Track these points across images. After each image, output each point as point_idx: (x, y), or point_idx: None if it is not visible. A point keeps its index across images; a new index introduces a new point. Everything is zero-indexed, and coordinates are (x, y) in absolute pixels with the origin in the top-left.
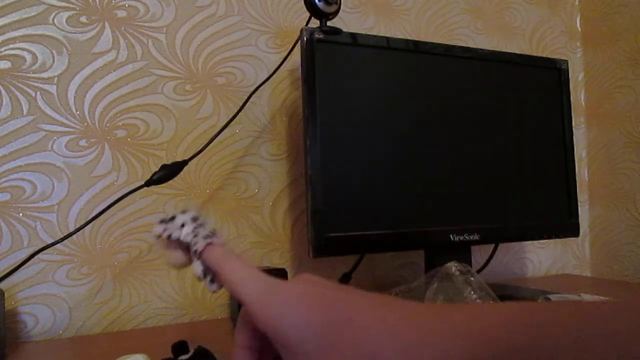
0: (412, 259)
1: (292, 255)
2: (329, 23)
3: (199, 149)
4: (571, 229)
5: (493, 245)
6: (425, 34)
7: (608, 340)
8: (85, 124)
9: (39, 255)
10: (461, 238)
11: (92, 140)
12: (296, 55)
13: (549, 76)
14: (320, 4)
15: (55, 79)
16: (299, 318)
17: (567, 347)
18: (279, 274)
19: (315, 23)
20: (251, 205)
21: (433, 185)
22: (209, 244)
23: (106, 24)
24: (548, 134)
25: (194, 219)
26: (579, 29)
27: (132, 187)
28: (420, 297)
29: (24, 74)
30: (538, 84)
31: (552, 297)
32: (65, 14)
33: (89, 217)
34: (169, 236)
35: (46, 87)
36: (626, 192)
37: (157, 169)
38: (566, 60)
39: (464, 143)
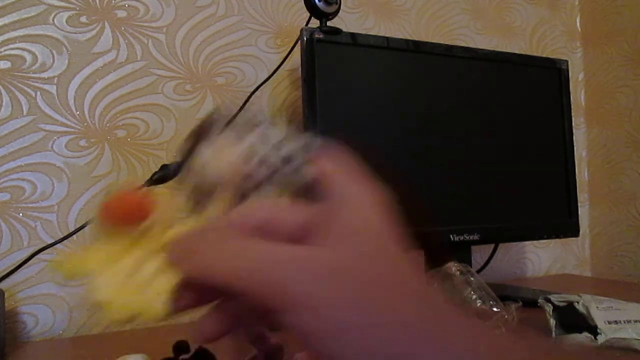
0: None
1: None
2: (329, 23)
3: None
4: (571, 229)
5: (493, 245)
6: (425, 34)
7: None
8: (85, 124)
9: (39, 255)
10: (461, 238)
11: (92, 140)
12: (296, 55)
13: (549, 76)
14: (320, 4)
15: (55, 79)
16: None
17: None
18: None
19: (315, 23)
20: None
21: (433, 185)
22: None
23: (106, 24)
24: (548, 134)
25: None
26: (579, 29)
27: None
28: None
29: (24, 74)
30: (538, 84)
31: (552, 297)
32: (65, 14)
33: (89, 217)
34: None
35: (46, 87)
36: (626, 192)
37: (157, 169)
38: (566, 60)
39: (464, 143)
